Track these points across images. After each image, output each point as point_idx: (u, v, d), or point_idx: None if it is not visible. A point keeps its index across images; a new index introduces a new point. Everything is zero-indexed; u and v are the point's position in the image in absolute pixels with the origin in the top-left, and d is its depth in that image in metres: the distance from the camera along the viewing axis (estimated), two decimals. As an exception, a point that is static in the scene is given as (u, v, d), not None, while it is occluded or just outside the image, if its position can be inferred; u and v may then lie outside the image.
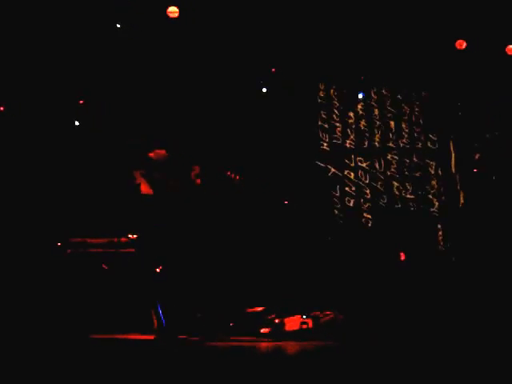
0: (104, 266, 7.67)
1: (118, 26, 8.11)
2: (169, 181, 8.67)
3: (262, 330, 7.91)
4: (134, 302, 7.56)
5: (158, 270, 7.67)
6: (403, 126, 9.34)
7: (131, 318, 7.44)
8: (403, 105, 9.35)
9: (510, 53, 8.28)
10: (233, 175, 8.59)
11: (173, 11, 7.68)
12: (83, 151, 8.63)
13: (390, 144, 9.33)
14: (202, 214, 8.58)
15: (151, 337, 7.36)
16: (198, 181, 8.77)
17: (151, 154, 8.54)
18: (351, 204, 9.22)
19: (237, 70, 8.64)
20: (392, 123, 9.36)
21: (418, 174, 9.28)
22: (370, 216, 9.22)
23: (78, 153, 8.61)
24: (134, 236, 7.90)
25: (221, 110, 8.72)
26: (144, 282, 7.62)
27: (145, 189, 8.68)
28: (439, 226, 9.09)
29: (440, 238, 9.11)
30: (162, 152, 8.55)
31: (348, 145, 9.32)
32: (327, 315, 8.13)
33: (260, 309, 8.17)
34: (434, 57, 8.75)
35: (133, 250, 7.82)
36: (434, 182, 9.29)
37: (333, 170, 9.19)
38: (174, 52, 8.44)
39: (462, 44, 8.21)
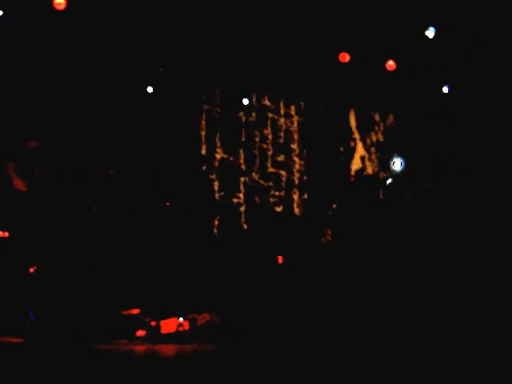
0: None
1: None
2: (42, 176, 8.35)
3: (138, 333, 7.82)
4: (4, 303, 7.25)
5: (31, 270, 7.37)
6: (281, 134, 9.57)
7: (1, 319, 7.13)
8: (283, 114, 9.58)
9: (389, 68, 8.68)
10: (113, 172, 8.42)
11: (59, 3, 7.40)
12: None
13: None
14: (79, 213, 8.34)
15: (21, 339, 7.06)
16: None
17: (24, 145, 8.16)
18: (229, 208, 9.30)
19: (123, 68, 8.48)
20: (269, 132, 9.55)
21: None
22: (246, 220, 9.34)
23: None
24: (6, 234, 7.55)
25: (103, 107, 8.52)
26: (16, 283, 7.31)
27: (17, 184, 8.29)
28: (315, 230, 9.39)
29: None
30: (34, 144, 8.20)
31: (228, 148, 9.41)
32: (204, 317, 8.13)
33: (136, 311, 8.05)
34: (316, 68, 9.01)
35: (5, 248, 7.48)
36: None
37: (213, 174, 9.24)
38: (58, 45, 8.15)
39: (345, 57, 8.50)
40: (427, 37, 8.33)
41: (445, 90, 8.97)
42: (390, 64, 8.62)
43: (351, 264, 8.77)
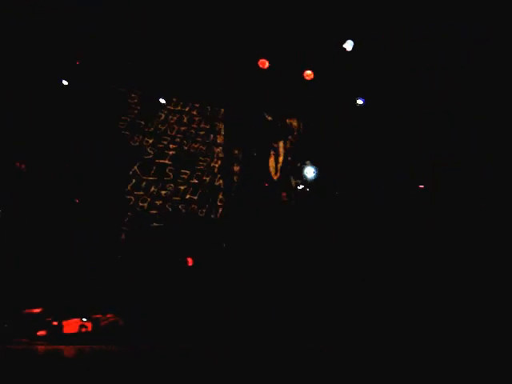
0: None
1: None
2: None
3: (39, 333, 7.64)
4: None
5: None
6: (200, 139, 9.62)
7: None
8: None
9: (307, 78, 8.83)
10: (23, 166, 8.17)
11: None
12: None
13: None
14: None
15: None
16: None
17: None
18: (141, 210, 9.23)
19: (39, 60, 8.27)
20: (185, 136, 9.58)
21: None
22: (158, 222, 9.28)
23: None
24: None
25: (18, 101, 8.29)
26: None
27: None
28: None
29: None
30: None
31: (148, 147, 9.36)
32: (108, 318, 8.01)
33: (37, 310, 7.87)
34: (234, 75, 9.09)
35: None
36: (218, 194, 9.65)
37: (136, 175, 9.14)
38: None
39: (264, 63, 8.60)
40: (345, 48, 8.54)
41: (359, 102, 9.21)
42: (308, 73, 8.79)
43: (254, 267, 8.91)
